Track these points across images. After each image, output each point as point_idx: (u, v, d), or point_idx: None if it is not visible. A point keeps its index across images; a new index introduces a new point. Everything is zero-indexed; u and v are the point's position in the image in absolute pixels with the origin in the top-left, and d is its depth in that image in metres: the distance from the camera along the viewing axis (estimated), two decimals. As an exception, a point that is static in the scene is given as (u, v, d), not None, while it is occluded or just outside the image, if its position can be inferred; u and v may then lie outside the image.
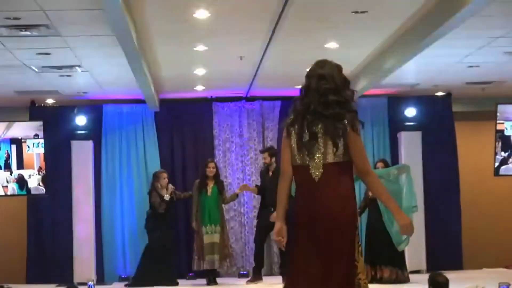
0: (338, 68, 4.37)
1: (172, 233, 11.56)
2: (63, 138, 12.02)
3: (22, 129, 11.72)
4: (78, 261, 11.70)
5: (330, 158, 4.20)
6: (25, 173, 11.65)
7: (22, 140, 11.68)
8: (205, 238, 10.87)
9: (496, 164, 12.00)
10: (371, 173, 4.32)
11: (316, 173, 4.23)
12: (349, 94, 4.31)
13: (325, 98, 4.23)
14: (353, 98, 4.33)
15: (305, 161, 4.26)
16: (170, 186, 11.27)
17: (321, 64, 4.38)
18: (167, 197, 11.13)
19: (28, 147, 11.67)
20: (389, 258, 10.40)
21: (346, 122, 4.20)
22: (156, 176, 11.34)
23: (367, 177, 4.28)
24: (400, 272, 10.47)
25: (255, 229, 11.49)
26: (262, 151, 11.33)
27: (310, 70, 4.39)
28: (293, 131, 4.29)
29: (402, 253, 10.58)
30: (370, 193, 10.35)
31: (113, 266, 12.30)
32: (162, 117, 12.55)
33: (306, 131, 4.24)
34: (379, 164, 10.79)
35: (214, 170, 11.13)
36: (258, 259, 11.02)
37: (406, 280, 10.48)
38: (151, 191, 11.32)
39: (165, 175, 11.33)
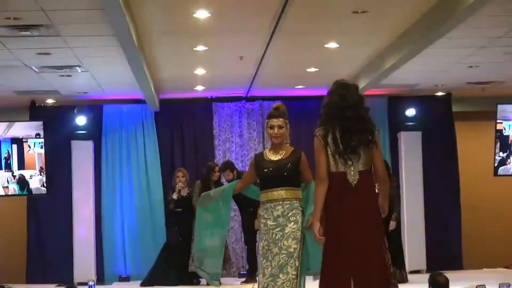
0: (355, 87, 5.20)
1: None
2: (63, 138, 12.00)
3: (23, 128, 11.67)
4: (78, 261, 11.71)
5: (362, 166, 5.04)
6: (26, 173, 11.61)
7: (23, 140, 11.65)
8: None
9: (495, 165, 11.99)
10: (388, 180, 5.25)
11: (353, 178, 5.01)
12: (365, 110, 5.13)
13: (348, 113, 5.04)
14: (368, 112, 5.14)
15: (341, 168, 5.03)
16: (179, 185, 11.13)
17: (342, 84, 5.20)
18: (175, 195, 11.11)
19: (29, 147, 11.64)
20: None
21: (372, 135, 5.07)
22: (173, 174, 11.38)
23: (385, 183, 5.20)
24: (399, 272, 10.48)
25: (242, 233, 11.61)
26: (222, 170, 11.14)
27: (332, 89, 5.20)
28: (329, 142, 5.03)
29: (402, 253, 10.61)
30: None
31: (113, 266, 12.29)
32: (162, 117, 12.55)
33: (340, 143, 5.01)
34: None
35: (219, 174, 11.08)
36: (252, 261, 11.05)
37: (404, 280, 10.48)
38: (167, 189, 11.32)
39: (179, 173, 11.22)
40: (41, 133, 11.59)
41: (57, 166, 11.98)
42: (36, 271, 12.13)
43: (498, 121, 11.93)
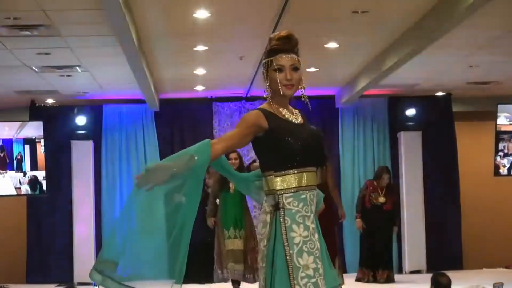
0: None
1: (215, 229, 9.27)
2: (63, 138, 12.01)
3: (36, 128, 11.54)
4: (78, 261, 11.70)
5: (319, 180, 6.94)
6: (39, 174, 11.51)
7: (36, 140, 11.56)
8: (226, 243, 8.91)
9: (508, 166, 11.92)
10: (335, 189, 8.79)
11: None
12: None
13: None
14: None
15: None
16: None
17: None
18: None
19: (42, 147, 11.58)
20: (384, 260, 10.52)
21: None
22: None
23: (336, 191, 8.65)
24: (378, 272, 10.55)
25: None
26: (252, 165, 9.87)
27: None
28: None
29: (384, 253, 10.66)
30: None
31: (113, 266, 12.28)
32: (162, 117, 12.56)
33: None
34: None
35: (237, 161, 8.84)
36: None
37: (387, 281, 10.54)
38: None
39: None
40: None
41: (57, 166, 11.98)
42: (36, 271, 12.13)
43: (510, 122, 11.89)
